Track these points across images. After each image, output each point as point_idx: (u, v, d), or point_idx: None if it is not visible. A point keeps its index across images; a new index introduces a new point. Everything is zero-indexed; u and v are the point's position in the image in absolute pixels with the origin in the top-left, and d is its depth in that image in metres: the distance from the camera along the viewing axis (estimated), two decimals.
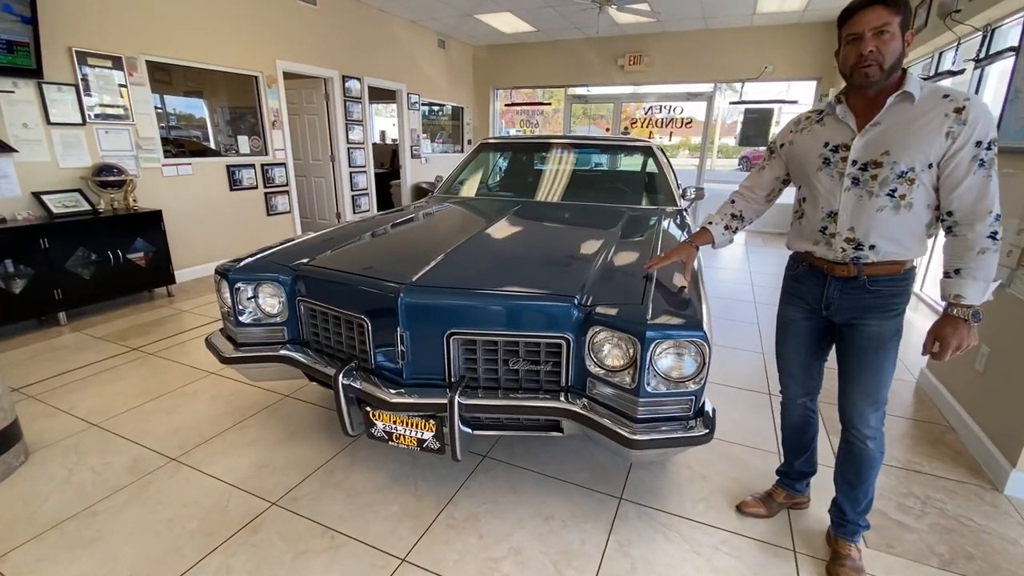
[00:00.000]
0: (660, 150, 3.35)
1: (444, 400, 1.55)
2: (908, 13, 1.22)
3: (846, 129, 1.35)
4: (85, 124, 3.71)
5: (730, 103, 7.67)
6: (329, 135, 6.04)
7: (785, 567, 1.59)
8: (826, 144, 1.38)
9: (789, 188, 1.62)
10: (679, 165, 3.37)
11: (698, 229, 1.69)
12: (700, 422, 1.47)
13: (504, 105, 9.09)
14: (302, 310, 1.88)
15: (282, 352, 1.87)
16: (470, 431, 1.65)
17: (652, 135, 8.08)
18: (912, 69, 5.59)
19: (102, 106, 3.80)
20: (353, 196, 6.44)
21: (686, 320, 1.43)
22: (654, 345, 1.39)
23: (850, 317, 1.42)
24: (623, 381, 1.47)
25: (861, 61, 1.24)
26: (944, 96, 1.22)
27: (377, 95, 6.66)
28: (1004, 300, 2.05)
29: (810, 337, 1.57)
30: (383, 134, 11.53)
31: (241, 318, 1.90)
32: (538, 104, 9.15)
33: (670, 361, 1.43)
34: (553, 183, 3.22)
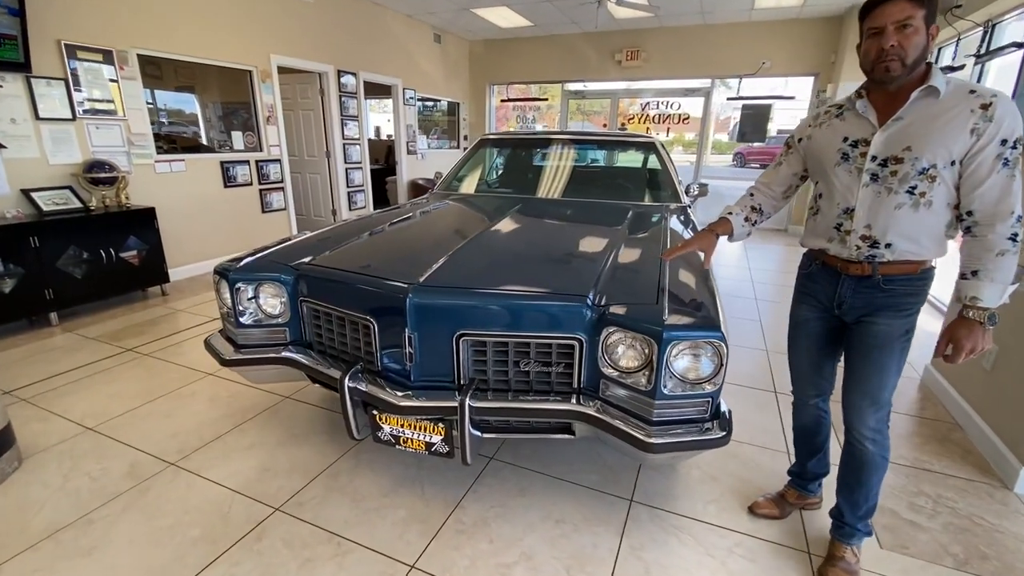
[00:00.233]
0: (662, 146, 3.31)
1: (454, 403, 1.51)
2: (933, 5, 1.18)
3: (866, 124, 1.31)
4: (75, 119, 3.62)
5: (727, 99, 7.64)
6: (324, 131, 5.95)
7: (800, 570, 1.57)
8: (845, 139, 1.35)
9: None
10: (674, 161, 3.34)
11: (716, 219, 1.63)
12: (717, 424, 1.44)
13: (500, 101, 9.02)
14: (305, 311, 1.83)
15: (285, 354, 1.82)
16: (480, 434, 1.61)
17: (648, 131, 8.05)
18: None
19: (92, 101, 3.71)
20: (349, 193, 6.36)
21: (703, 320, 1.39)
22: (671, 346, 1.35)
23: (861, 315, 1.39)
24: (638, 383, 1.44)
25: (882, 56, 1.20)
26: (970, 92, 1.19)
27: (372, 90, 6.58)
28: (1013, 297, 2.04)
29: (822, 337, 1.54)
30: (377, 130, 11.43)
31: (242, 319, 1.85)
32: (534, 100, 9.09)
33: (687, 362, 1.40)
34: (556, 179, 3.18)
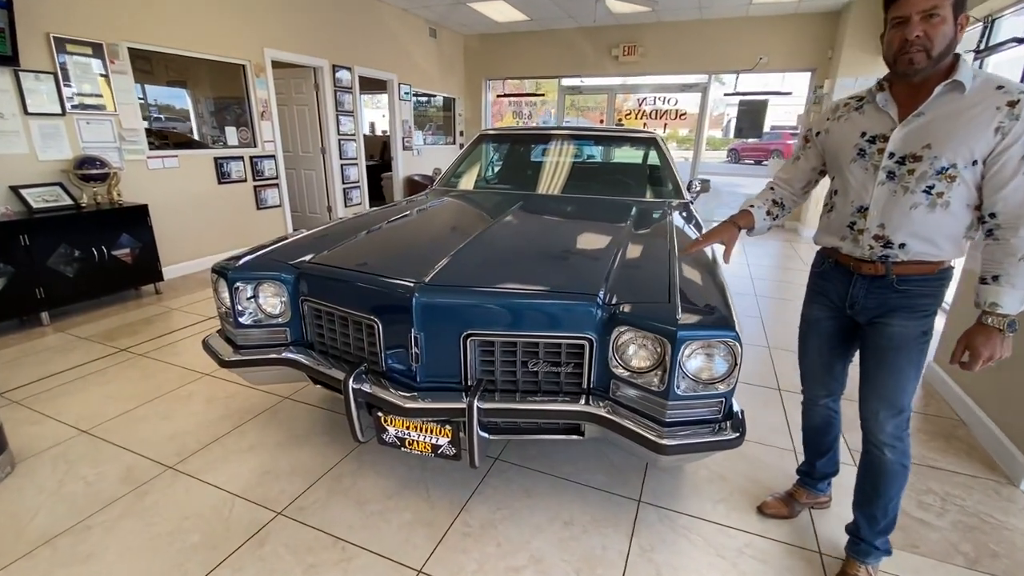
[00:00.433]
0: (663, 141, 3.28)
1: (462, 405, 1.47)
2: None
3: (886, 119, 1.27)
4: (65, 114, 3.53)
5: (724, 94, 7.62)
6: (319, 126, 5.88)
7: (812, 571, 1.55)
8: (863, 134, 1.31)
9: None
10: None
11: (737, 212, 1.59)
12: (730, 425, 1.42)
13: (496, 96, 8.96)
14: (306, 310, 1.78)
15: (286, 355, 1.78)
16: (487, 436, 1.58)
17: (645, 127, 8.02)
18: None
19: (82, 95, 3.62)
20: (345, 189, 6.30)
21: (717, 319, 1.37)
22: (685, 346, 1.33)
23: (874, 316, 1.36)
24: (650, 383, 1.41)
25: (906, 47, 1.15)
26: (998, 87, 1.13)
27: (366, 86, 6.50)
28: None
29: (834, 337, 1.50)
30: (372, 126, 11.34)
31: (241, 319, 1.80)
32: (530, 95, 9.03)
33: (700, 362, 1.37)
34: (557, 175, 3.14)
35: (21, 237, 3.11)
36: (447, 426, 1.54)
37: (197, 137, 6.41)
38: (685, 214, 2.56)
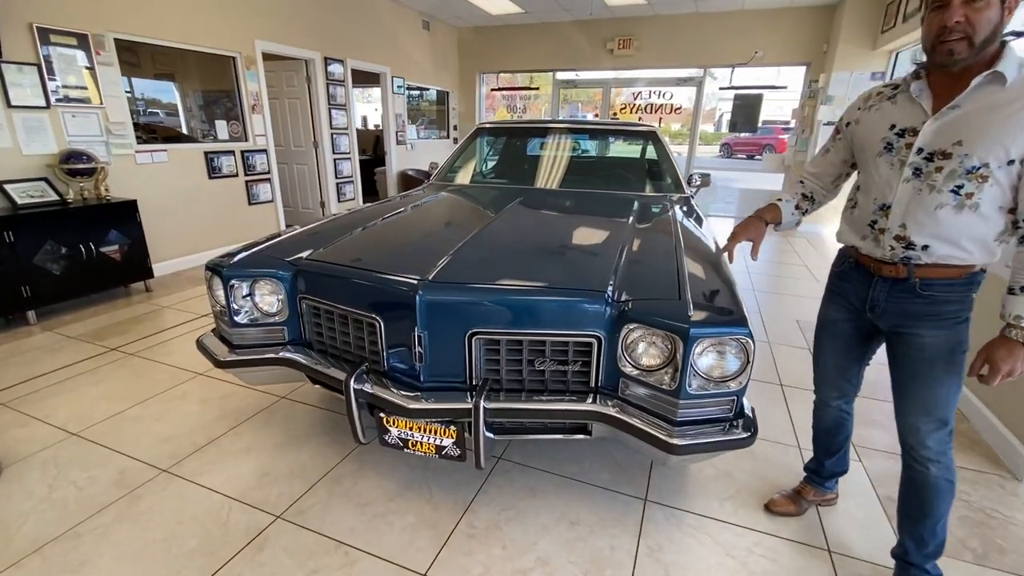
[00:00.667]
0: (662, 135, 3.25)
1: (468, 405, 1.44)
2: None
3: (918, 110, 1.18)
4: (49, 107, 3.43)
5: (720, 88, 7.61)
6: (312, 120, 5.78)
7: (823, 569, 1.53)
8: (892, 127, 1.23)
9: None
10: None
11: (764, 206, 1.55)
12: (741, 424, 1.39)
13: (490, 90, 8.88)
14: (304, 308, 1.73)
15: (283, 355, 1.73)
16: (492, 436, 1.54)
17: (641, 120, 7.98)
18: (903, 55, 5.57)
19: (67, 88, 3.52)
20: (338, 184, 6.21)
21: (729, 316, 1.34)
22: (697, 343, 1.30)
23: (897, 324, 1.29)
24: (661, 381, 1.38)
25: (944, 34, 1.05)
26: None
27: (358, 79, 6.40)
28: None
29: (851, 340, 1.46)
30: (364, 119, 11.22)
31: (237, 318, 1.75)
32: (525, 89, 8.96)
33: (711, 360, 1.35)
34: (556, 170, 3.10)
35: (5, 234, 3.02)
36: (451, 427, 1.51)
37: (186, 131, 6.30)
38: (686, 208, 2.53)
